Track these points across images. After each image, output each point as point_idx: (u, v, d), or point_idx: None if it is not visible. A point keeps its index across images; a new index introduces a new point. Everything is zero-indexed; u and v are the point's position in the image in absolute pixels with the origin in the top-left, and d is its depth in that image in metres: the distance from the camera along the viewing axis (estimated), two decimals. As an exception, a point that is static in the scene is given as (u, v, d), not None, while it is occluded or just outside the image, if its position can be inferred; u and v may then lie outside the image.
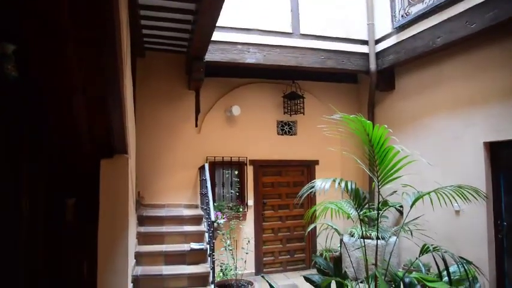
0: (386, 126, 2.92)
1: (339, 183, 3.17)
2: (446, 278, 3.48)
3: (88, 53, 3.24)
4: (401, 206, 6.44)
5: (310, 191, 3.39)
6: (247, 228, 7.11)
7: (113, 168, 4.63)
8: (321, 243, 7.25)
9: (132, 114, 5.48)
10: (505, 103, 5.17)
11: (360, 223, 3.77)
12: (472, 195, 3.49)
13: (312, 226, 4.17)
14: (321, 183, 3.23)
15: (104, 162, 4.59)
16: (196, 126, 7.09)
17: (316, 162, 7.67)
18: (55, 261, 4.56)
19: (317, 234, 5.07)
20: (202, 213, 6.23)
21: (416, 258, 3.59)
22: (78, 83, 3.52)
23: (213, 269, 5.12)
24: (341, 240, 3.94)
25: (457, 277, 3.74)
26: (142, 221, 5.99)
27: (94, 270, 4.51)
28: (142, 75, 6.69)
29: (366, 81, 7.42)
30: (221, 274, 5.75)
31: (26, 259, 4.33)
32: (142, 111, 6.68)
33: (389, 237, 5.80)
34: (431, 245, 3.38)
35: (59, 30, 2.91)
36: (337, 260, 4.31)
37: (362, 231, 4.00)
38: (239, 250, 6.16)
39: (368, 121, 2.95)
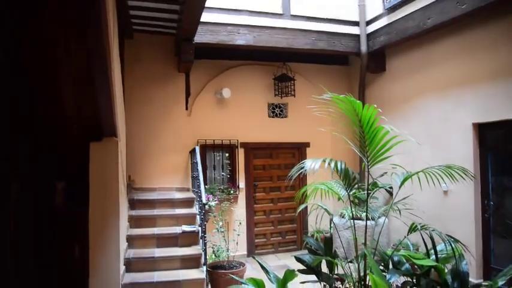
0: (375, 105, 2.92)
1: (328, 163, 3.17)
2: (433, 257, 3.55)
3: (74, 34, 3.17)
4: (391, 187, 6.55)
5: (300, 171, 3.39)
6: (239, 210, 7.15)
7: (103, 151, 4.59)
8: (312, 225, 7.32)
9: (121, 97, 5.41)
10: (493, 84, 5.21)
11: (350, 204, 3.80)
12: (460, 175, 3.53)
13: (302, 206, 4.20)
14: (311, 163, 3.24)
15: (93, 145, 4.55)
16: (186, 109, 7.03)
17: (307, 144, 7.69)
18: (46, 245, 4.55)
19: (308, 213, 5.11)
20: (193, 196, 6.24)
21: (405, 237, 3.65)
22: (64, 65, 3.46)
23: (205, 250, 5.16)
24: (331, 220, 3.98)
25: (444, 255, 3.82)
26: (133, 204, 5.99)
27: (86, 254, 4.51)
28: (131, 58, 6.58)
29: (357, 63, 7.40)
30: (213, 256, 5.80)
31: (16, 243, 4.32)
32: (132, 94, 6.60)
33: (379, 217, 5.88)
34: (419, 223, 3.43)
35: (43, 11, 2.84)
36: (328, 240, 4.36)
37: (352, 212, 4.04)
38: (231, 232, 6.21)
39: (358, 101, 2.94)
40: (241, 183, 7.25)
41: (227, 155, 6.59)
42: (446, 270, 3.49)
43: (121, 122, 5.23)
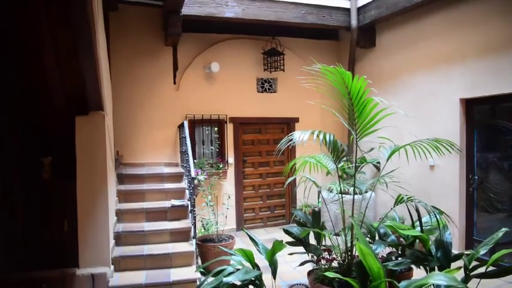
0: (365, 76, 2.90)
1: (317, 135, 3.18)
2: (419, 228, 3.63)
3: (57, 5, 3.08)
4: (378, 163, 6.62)
5: (289, 143, 3.39)
6: (228, 185, 7.18)
7: (89, 126, 4.53)
8: (300, 200, 7.41)
9: (107, 71, 5.31)
10: (481, 60, 5.23)
11: (338, 177, 3.84)
12: (446, 148, 3.58)
13: (291, 178, 4.23)
14: (299, 135, 3.24)
15: (79, 120, 4.49)
16: (174, 83, 6.93)
17: (296, 119, 7.69)
18: (34, 220, 4.54)
19: (296, 185, 5.16)
20: (182, 171, 6.23)
21: (391, 209, 3.71)
22: (47, 35, 3.36)
23: (194, 224, 5.19)
24: (319, 193, 4.02)
25: (428, 227, 3.91)
26: (122, 179, 5.96)
27: (75, 228, 4.51)
28: (116, 31, 6.41)
29: (347, 39, 7.34)
30: (203, 230, 5.85)
31: (3, 219, 4.29)
32: (118, 69, 6.47)
33: (366, 191, 5.97)
34: (406, 195, 3.49)
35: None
36: (316, 213, 4.42)
37: (340, 187, 4.09)
38: (220, 206, 6.25)
39: (347, 71, 2.92)
40: (230, 159, 7.26)
41: (216, 129, 6.55)
42: (430, 241, 3.58)
43: (107, 96, 5.14)
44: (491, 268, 3.20)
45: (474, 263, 3.30)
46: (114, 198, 5.39)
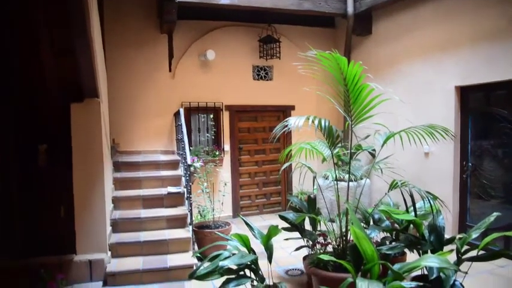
0: (361, 62, 2.91)
1: (312, 121, 3.20)
2: (413, 213, 3.68)
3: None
4: (373, 150, 6.66)
5: (284, 129, 3.41)
6: (224, 173, 7.21)
7: (85, 113, 4.53)
8: (296, 187, 7.46)
9: (102, 58, 5.27)
10: (475, 48, 5.25)
11: (334, 163, 3.88)
12: (441, 134, 3.61)
13: (287, 164, 4.26)
14: (294, 120, 3.26)
15: (74, 107, 4.48)
16: (170, 71, 6.90)
17: (292, 107, 7.69)
18: (30, 207, 4.55)
19: (292, 171, 5.19)
20: (178, 158, 6.25)
21: (386, 194, 3.75)
22: (43, 25, 3.34)
23: (190, 211, 5.23)
24: (314, 178, 4.05)
25: (422, 212, 3.97)
26: (118, 167, 5.97)
27: (72, 215, 4.54)
28: (111, 19, 6.35)
29: (343, 26, 7.31)
30: (199, 216, 5.89)
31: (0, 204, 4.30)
32: (113, 56, 6.43)
33: (361, 178, 6.02)
34: (400, 180, 3.53)
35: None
36: (311, 199, 4.47)
37: (336, 173, 4.12)
38: (216, 193, 6.28)
39: (343, 57, 2.93)
40: (226, 146, 7.28)
41: (212, 116, 6.54)
42: (424, 226, 3.64)
43: (103, 84, 5.13)
44: (482, 252, 3.26)
45: (466, 248, 3.37)
46: (110, 186, 5.40)
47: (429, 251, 3.33)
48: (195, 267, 4.19)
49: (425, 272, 3.30)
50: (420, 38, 6.13)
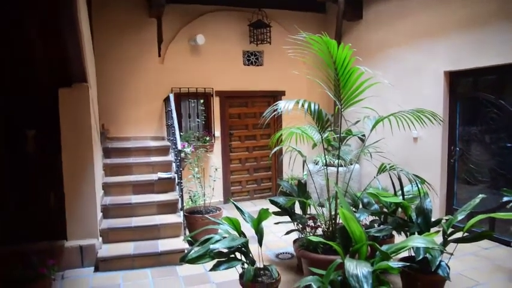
0: (350, 44, 2.91)
1: (302, 104, 3.20)
2: (401, 197, 3.74)
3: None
4: (363, 135, 6.70)
5: (274, 113, 3.41)
6: (215, 158, 7.21)
7: (73, 98, 4.48)
8: (287, 173, 7.50)
9: (90, 42, 5.19)
10: (464, 33, 5.27)
11: (323, 147, 3.90)
12: (429, 119, 3.65)
13: (277, 148, 4.27)
14: (284, 104, 3.26)
15: (62, 92, 4.43)
16: (159, 56, 6.82)
17: (283, 92, 7.68)
18: (20, 193, 4.52)
19: (282, 154, 5.22)
20: (169, 144, 6.23)
21: (374, 177, 3.80)
22: (31, 7, 3.27)
23: (181, 196, 5.24)
24: (304, 162, 4.08)
25: (410, 196, 4.04)
26: (108, 153, 5.94)
27: (62, 202, 4.52)
28: (98, 3, 6.22)
29: (334, 11, 7.27)
30: (190, 202, 5.91)
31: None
32: (101, 40, 6.33)
33: (350, 162, 6.07)
34: (389, 164, 3.57)
35: None
36: (301, 183, 4.51)
37: (325, 158, 4.15)
38: (207, 179, 6.30)
39: (332, 40, 2.92)
40: (217, 132, 7.26)
41: (202, 101, 6.50)
42: (411, 208, 3.70)
43: (91, 69, 5.06)
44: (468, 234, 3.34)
45: (452, 230, 3.44)
46: (100, 172, 5.38)
47: (416, 232, 3.40)
48: (186, 252, 4.23)
49: (413, 254, 3.38)
50: (411, 23, 6.13)
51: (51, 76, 4.31)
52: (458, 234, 3.44)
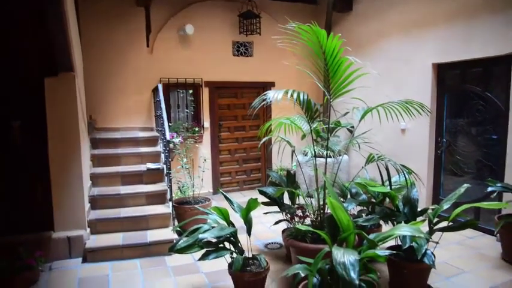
0: (340, 35, 2.91)
1: (291, 94, 3.20)
2: (388, 187, 3.78)
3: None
4: (352, 127, 6.72)
5: (263, 103, 3.40)
6: (204, 149, 7.20)
7: (59, 87, 4.42)
8: (276, 164, 7.53)
9: (76, 31, 5.10)
10: (452, 26, 5.31)
11: (312, 138, 3.91)
12: (417, 110, 3.68)
13: (266, 138, 4.28)
14: (273, 93, 3.25)
15: (48, 81, 4.36)
16: (147, 46, 6.74)
17: (272, 84, 7.67)
18: (6, 185, 4.45)
19: (272, 144, 5.23)
20: (157, 134, 6.19)
21: (362, 167, 3.83)
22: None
23: (170, 187, 5.23)
24: (293, 152, 4.09)
25: (398, 186, 4.08)
26: (96, 143, 5.88)
27: (49, 193, 4.47)
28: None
29: (324, 2, 7.26)
30: (179, 193, 5.89)
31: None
32: (88, 30, 6.21)
33: (339, 153, 6.11)
34: (377, 154, 3.60)
35: None
36: (290, 173, 4.52)
37: (314, 149, 4.17)
38: (196, 169, 6.28)
39: (322, 30, 2.92)
40: (206, 123, 7.23)
41: (191, 92, 6.45)
42: (398, 198, 3.74)
43: (78, 58, 4.98)
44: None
45: (438, 219, 3.50)
46: (88, 163, 5.33)
47: (403, 222, 3.45)
48: (175, 242, 4.23)
49: (399, 243, 3.43)
50: (400, 15, 6.15)
51: (36, 65, 4.23)
52: (444, 224, 3.51)
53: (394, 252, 2.90)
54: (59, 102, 4.41)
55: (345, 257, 2.33)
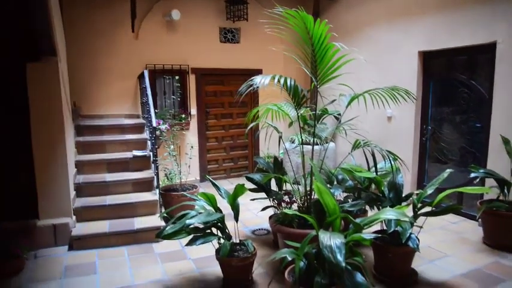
0: (327, 20, 2.90)
1: (278, 80, 3.19)
2: (374, 173, 3.82)
3: None
4: (339, 114, 6.75)
5: (250, 88, 3.39)
6: (191, 137, 7.16)
7: (42, 72, 4.32)
8: (263, 151, 7.54)
9: (59, 13, 4.97)
10: (439, 13, 5.34)
11: (299, 126, 3.92)
12: (402, 97, 3.71)
13: (253, 123, 4.27)
14: (260, 79, 3.24)
15: (31, 66, 4.26)
16: (133, 31, 6.62)
17: (260, 71, 7.62)
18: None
19: (259, 130, 5.23)
20: (144, 122, 6.12)
21: (349, 153, 3.86)
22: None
23: (157, 174, 5.19)
24: (280, 138, 4.09)
25: (383, 172, 4.13)
26: (81, 130, 5.79)
27: (33, 180, 4.40)
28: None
29: (312, -12, 7.22)
30: (166, 180, 5.86)
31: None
32: (71, 15, 6.05)
33: (326, 141, 6.15)
34: (363, 140, 3.63)
35: None
36: (277, 160, 4.54)
37: (301, 136, 4.18)
38: (183, 157, 6.25)
39: (309, 15, 2.90)
40: (193, 110, 7.18)
41: (177, 78, 6.36)
42: (384, 184, 3.79)
43: (60, 42, 4.87)
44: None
45: (422, 205, 3.56)
46: (73, 150, 5.26)
47: (388, 206, 3.50)
48: (162, 228, 4.22)
49: (385, 228, 3.48)
50: (387, 2, 6.15)
51: (18, 50, 4.12)
52: (428, 208, 3.57)
53: (379, 235, 2.95)
54: (42, 87, 4.32)
55: (331, 240, 2.35)
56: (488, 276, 3.62)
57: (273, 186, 4.48)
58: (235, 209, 3.58)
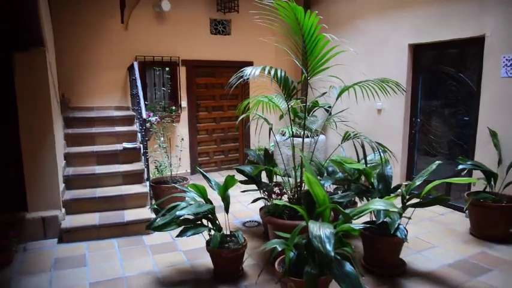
0: (317, 12, 2.90)
1: (268, 71, 3.19)
2: (364, 165, 3.85)
3: None
4: (329, 107, 6.79)
5: (240, 80, 3.38)
6: (182, 129, 7.12)
7: (30, 63, 4.26)
8: (254, 144, 7.54)
9: (46, 4, 4.90)
10: (429, 6, 5.36)
11: (290, 121, 3.92)
12: (392, 89, 3.73)
13: (244, 115, 4.26)
14: (251, 70, 3.23)
15: (18, 57, 4.19)
16: (122, 22, 6.53)
17: (251, 63, 7.57)
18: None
19: (249, 122, 5.22)
20: (133, 114, 6.08)
21: (339, 145, 3.89)
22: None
23: (147, 166, 5.17)
24: (270, 129, 4.10)
25: (373, 164, 4.17)
26: (69, 122, 5.73)
27: (21, 172, 4.36)
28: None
29: (303, -20, 7.19)
30: (156, 172, 5.84)
31: None
32: (59, 5, 5.95)
33: (316, 133, 6.17)
34: (353, 132, 3.65)
35: None
36: (268, 152, 4.55)
37: (292, 129, 4.19)
38: (173, 149, 6.23)
39: (299, 7, 2.90)
40: (184, 102, 7.14)
41: (167, 69, 6.31)
42: (373, 175, 3.83)
43: (48, 33, 4.80)
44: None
45: (410, 197, 3.61)
46: (61, 142, 5.20)
47: (377, 197, 3.54)
48: (152, 219, 4.22)
49: (374, 219, 3.52)
50: (377, -6, 6.17)
51: (5, 40, 4.05)
52: (416, 200, 3.62)
53: (368, 226, 2.98)
54: (29, 78, 4.26)
55: (321, 230, 2.38)
56: (474, 266, 3.69)
57: (264, 178, 4.50)
58: (226, 201, 3.59)
